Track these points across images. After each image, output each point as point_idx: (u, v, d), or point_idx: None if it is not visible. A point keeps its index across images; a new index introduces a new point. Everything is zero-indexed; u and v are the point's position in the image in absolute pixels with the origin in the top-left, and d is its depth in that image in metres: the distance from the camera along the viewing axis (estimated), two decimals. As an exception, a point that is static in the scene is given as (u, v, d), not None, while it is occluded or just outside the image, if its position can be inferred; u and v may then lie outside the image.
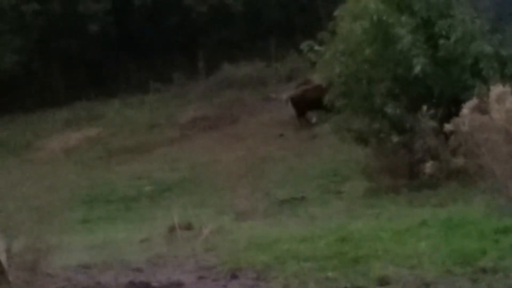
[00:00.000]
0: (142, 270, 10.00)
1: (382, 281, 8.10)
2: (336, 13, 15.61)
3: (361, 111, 15.33)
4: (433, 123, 13.81)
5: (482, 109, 11.34)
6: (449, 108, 13.92)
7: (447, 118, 12.80)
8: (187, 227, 12.41)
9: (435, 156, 13.59)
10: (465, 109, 11.58)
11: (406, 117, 14.36)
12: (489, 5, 15.39)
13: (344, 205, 13.76)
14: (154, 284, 9.16)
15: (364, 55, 14.85)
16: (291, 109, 24.37)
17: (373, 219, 11.79)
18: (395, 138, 14.41)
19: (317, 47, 15.62)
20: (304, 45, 15.89)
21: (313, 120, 23.64)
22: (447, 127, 12.17)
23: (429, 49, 14.64)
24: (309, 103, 22.59)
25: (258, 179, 17.25)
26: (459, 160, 12.35)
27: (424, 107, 14.10)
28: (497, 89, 11.30)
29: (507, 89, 11.22)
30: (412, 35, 14.50)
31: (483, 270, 8.03)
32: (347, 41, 15.20)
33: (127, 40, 33.27)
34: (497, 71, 14.28)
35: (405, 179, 14.27)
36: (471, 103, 11.72)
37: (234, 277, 9.10)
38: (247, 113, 26.53)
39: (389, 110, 14.49)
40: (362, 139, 15.50)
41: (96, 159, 24.90)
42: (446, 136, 12.58)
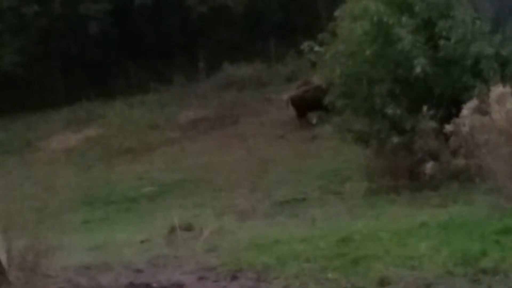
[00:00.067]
0: (142, 271, 10.01)
1: (383, 281, 8.11)
2: (337, 13, 15.62)
3: (361, 111, 15.33)
4: (433, 123, 13.82)
5: (482, 109, 11.35)
6: (450, 108, 13.90)
7: (447, 119, 12.83)
8: (187, 227, 12.39)
9: (435, 157, 13.60)
10: (466, 110, 11.60)
11: (406, 118, 14.35)
12: (489, 5, 15.38)
13: (344, 206, 13.74)
14: (154, 285, 9.18)
15: (365, 55, 14.84)
16: (292, 109, 24.36)
17: (374, 219, 11.78)
18: (395, 139, 14.37)
19: (317, 48, 15.62)
20: (304, 46, 15.89)
21: (314, 120, 23.65)
22: (448, 127, 12.20)
23: (430, 50, 14.64)
24: (309, 103, 22.60)
25: (259, 179, 17.21)
26: (459, 161, 12.38)
27: (425, 107, 14.10)
28: (497, 89, 11.31)
29: (507, 89, 11.23)
30: (413, 35, 14.49)
31: (484, 271, 8.03)
32: (347, 42, 15.21)
33: (127, 41, 33.23)
34: (498, 72, 14.27)
35: (405, 180, 14.24)
36: (471, 104, 11.75)
37: (234, 278, 9.12)
38: (248, 113, 26.50)
39: (389, 110, 14.47)
40: (363, 139, 15.49)
41: (97, 159, 24.90)
42: (447, 136, 12.60)
